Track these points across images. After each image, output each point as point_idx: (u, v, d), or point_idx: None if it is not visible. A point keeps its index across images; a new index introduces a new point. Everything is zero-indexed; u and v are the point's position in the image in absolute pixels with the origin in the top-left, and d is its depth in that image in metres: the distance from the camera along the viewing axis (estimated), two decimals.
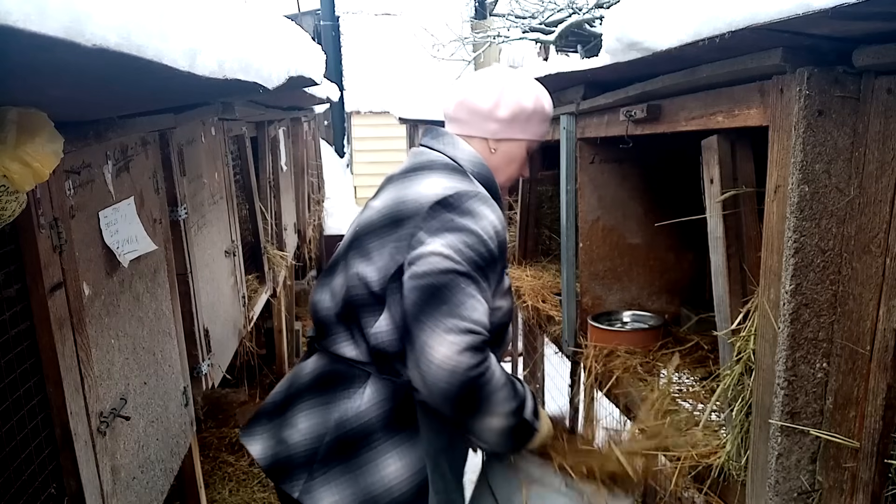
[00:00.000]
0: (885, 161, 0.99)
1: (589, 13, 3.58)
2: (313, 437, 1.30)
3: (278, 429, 1.37)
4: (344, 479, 1.27)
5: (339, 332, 1.36)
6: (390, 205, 1.33)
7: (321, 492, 1.26)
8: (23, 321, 1.16)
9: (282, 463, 1.32)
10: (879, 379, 1.02)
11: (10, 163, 0.90)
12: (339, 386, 1.32)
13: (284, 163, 4.39)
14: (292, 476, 1.30)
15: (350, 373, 1.32)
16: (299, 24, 3.39)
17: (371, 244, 1.31)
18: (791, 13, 0.84)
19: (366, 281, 1.29)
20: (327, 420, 1.30)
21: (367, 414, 1.28)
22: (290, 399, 1.39)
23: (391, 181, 1.44)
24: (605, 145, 2.12)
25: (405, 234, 1.26)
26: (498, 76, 1.47)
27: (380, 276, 1.27)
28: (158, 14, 0.76)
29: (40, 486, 1.20)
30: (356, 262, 1.33)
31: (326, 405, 1.31)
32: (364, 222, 1.38)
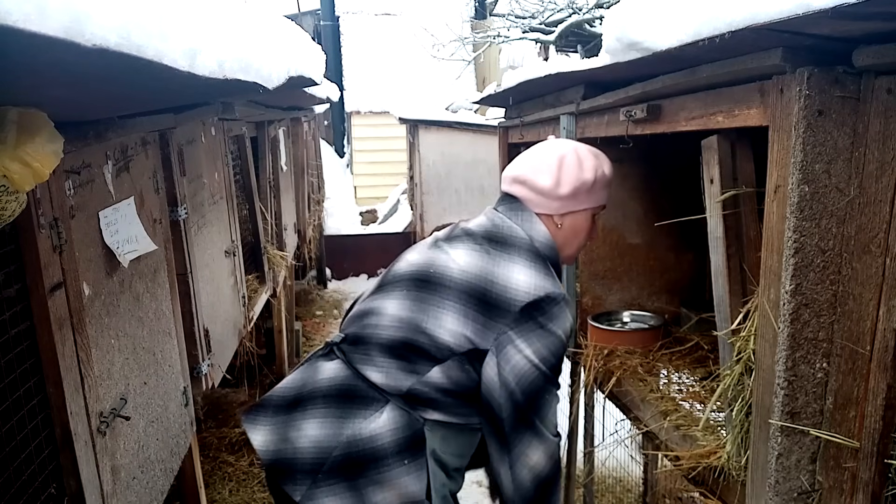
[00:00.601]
0: (885, 161, 0.99)
1: (589, 13, 3.58)
2: (322, 448, 1.33)
3: (284, 426, 1.39)
4: (349, 494, 1.31)
5: (378, 356, 1.39)
6: (478, 276, 1.39)
7: (324, 501, 1.30)
8: (23, 321, 1.16)
9: (285, 464, 1.35)
10: (879, 379, 1.02)
11: (10, 163, 0.90)
12: (358, 404, 1.35)
13: (284, 163, 4.39)
14: (295, 480, 1.32)
15: (370, 395, 1.36)
16: (299, 24, 3.40)
17: (450, 304, 1.38)
18: (791, 13, 0.84)
19: (438, 338, 1.36)
20: (339, 434, 1.33)
21: (380, 438, 1.32)
22: (302, 399, 1.40)
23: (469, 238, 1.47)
24: (606, 145, 2.11)
25: (494, 325, 1.35)
26: (554, 151, 1.51)
27: (453, 342, 1.35)
28: (158, 14, 0.76)
29: (40, 486, 1.20)
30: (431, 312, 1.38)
31: (340, 419, 1.34)
32: (442, 272, 1.42)
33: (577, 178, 1.48)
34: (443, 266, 1.43)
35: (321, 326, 5.93)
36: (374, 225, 8.71)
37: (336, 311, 6.45)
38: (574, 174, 1.48)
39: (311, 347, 5.28)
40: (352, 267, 7.67)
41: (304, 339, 5.29)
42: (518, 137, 3.04)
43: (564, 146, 1.54)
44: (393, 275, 1.51)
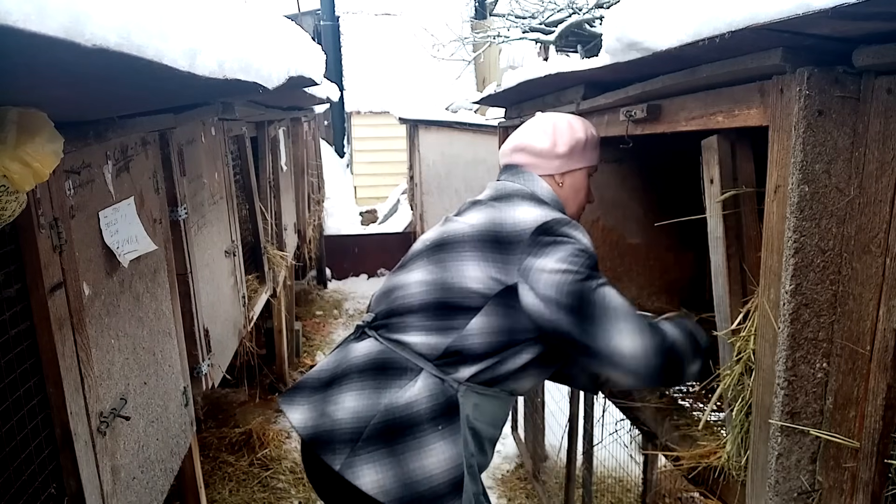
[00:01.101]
0: (885, 161, 0.99)
1: (589, 13, 3.58)
2: (360, 417, 1.37)
3: (322, 403, 1.43)
4: (387, 460, 1.34)
5: (415, 323, 1.44)
6: (487, 223, 1.48)
7: (363, 468, 1.33)
8: (23, 321, 1.16)
9: (324, 436, 1.38)
10: (879, 379, 1.02)
11: (10, 163, 0.90)
12: (392, 375, 1.40)
13: (284, 163, 4.39)
14: (334, 449, 1.36)
15: (405, 364, 1.41)
16: (299, 24, 3.40)
17: (468, 255, 1.45)
18: (791, 13, 0.84)
19: (465, 287, 1.42)
20: (376, 404, 1.38)
21: (416, 405, 1.37)
22: (337, 378, 1.45)
23: (476, 205, 1.58)
24: (605, 145, 2.11)
25: (512, 259, 1.41)
26: (546, 119, 1.69)
27: (482, 287, 1.41)
28: (158, 14, 0.76)
29: (40, 486, 1.20)
30: (453, 267, 1.45)
31: (377, 390, 1.39)
32: (454, 232, 1.51)
33: (571, 137, 1.64)
34: (454, 230, 1.53)
35: (321, 326, 5.93)
36: (374, 225, 8.71)
37: (336, 311, 6.45)
38: (568, 134, 1.64)
39: (311, 347, 5.28)
40: (352, 267, 7.67)
41: (304, 339, 5.28)
42: None
43: (554, 115, 1.71)
44: (410, 254, 1.62)
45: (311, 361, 4.95)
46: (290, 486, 3.34)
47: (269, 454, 3.54)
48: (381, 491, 1.32)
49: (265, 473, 3.39)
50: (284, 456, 3.58)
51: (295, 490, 3.32)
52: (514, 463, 3.72)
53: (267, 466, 3.45)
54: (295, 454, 3.61)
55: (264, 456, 3.51)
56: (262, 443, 3.59)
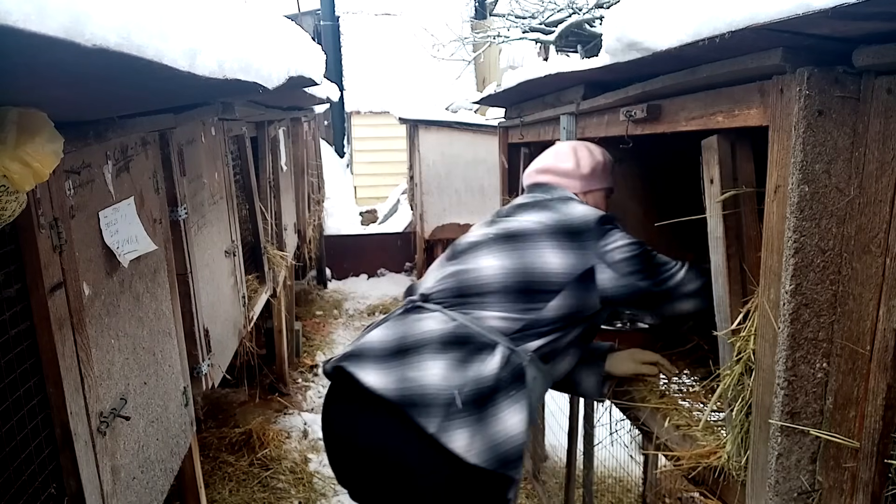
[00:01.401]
0: (885, 161, 0.99)
1: (589, 13, 3.58)
2: (451, 385, 1.49)
3: (399, 369, 1.53)
4: (475, 426, 1.47)
5: (495, 302, 1.61)
6: (554, 218, 1.70)
7: (456, 433, 1.45)
8: (23, 321, 1.16)
9: (415, 399, 1.48)
10: (879, 379, 1.02)
11: (10, 163, 0.90)
12: (473, 348, 1.55)
13: (284, 163, 4.39)
14: (429, 413, 1.47)
15: (483, 339, 1.56)
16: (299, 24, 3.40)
17: (545, 244, 1.66)
18: (791, 13, 0.84)
19: (548, 271, 1.62)
20: (464, 375, 1.51)
21: (496, 376, 1.52)
22: (410, 348, 1.56)
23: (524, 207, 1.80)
24: (605, 145, 2.12)
25: (587, 244, 1.66)
26: (568, 144, 1.97)
27: (564, 271, 1.63)
28: (158, 14, 0.76)
29: (40, 486, 1.20)
30: (531, 255, 1.65)
31: (462, 362, 1.53)
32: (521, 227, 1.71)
33: (592, 159, 1.90)
34: (517, 225, 1.72)
35: (321, 326, 5.93)
36: (374, 225, 8.70)
37: (336, 311, 6.45)
38: (588, 157, 1.91)
39: (311, 347, 5.28)
40: (352, 267, 7.66)
41: (304, 339, 5.28)
42: (518, 137, 3.04)
43: (572, 141, 1.99)
44: (466, 244, 1.76)
45: (311, 361, 4.95)
46: (290, 486, 3.34)
47: (269, 454, 3.54)
48: (473, 453, 1.45)
49: (265, 473, 3.39)
50: (284, 456, 3.58)
51: (295, 490, 3.32)
52: None
53: (267, 466, 3.45)
54: (295, 454, 3.61)
55: (264, 456, 3.51)
56: (262, 443, 3.59)
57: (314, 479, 3.42)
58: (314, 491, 3.32)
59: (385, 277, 7.66)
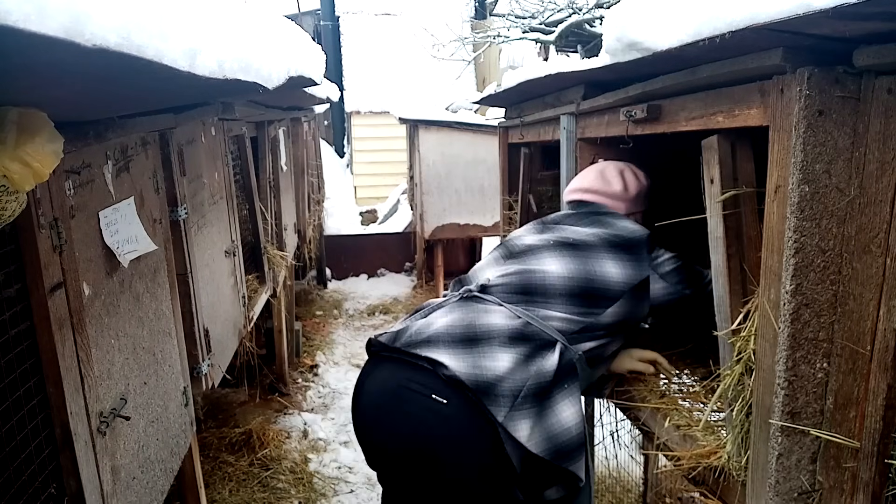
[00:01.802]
0: (886, 161, 0.99)
1: (589, 13, 3.58)
2: (517, 378, 1.58)
3: (472, 357, 1.60)
4: (535, 417, 1.57)
5: (559, 304, 1.72)
6: (610, 232, 1.84)
7: (520, 422, 1.54)
8: (23, 321, 1.16)
9: (488, 387, 1.55)
10: (879, 379, 1.02)
11: (10, 163, 0.90)
12: (536, 345, 1.65)
13: (284, 163, 4.39)
14: (498, 402, 1.54)
15: (545, 337, 1.66)
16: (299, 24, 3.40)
17: (605, 255, 1.79)
18: (791, 13, 0.84)
19: (609, 280, 1.75)
20: (528, 369, 1.60)
21: (553, 372, 1.62)
22: (479, 338, 1.64)
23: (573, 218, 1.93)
24: (606, 145, 2.12)
25: (642, 257, 1.81)
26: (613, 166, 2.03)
27: (623, 280, 1.76)
28: (158, 14, 0.76)
29: (40, 486, 1.20)
30: (594, 264, 1.77)
31: (526, 358, 1.62)
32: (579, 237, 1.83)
33: (638, 183, 2.00)
34: (575, 235, 1.84)
35: (321, 326, 5.93)
36: (374, 225, 8.70)
37: (336, 311, 6.45)
38: (634, 180, 2.00)
39: (311, 347, 5.28)
40: (352, 267, 7.66)
41: (304, 339, 5.28)
42: (518, 137, 3.04)
43: (616, 162, 2.06)
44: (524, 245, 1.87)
45: (310, 361, 4.95)
46: (290, 486, 3.33)
47: (269, 454, 3.54)
48: (533, 443, 1.54)
49: (265, 473, 3.39)
50: (284, 456, 3.58)
51: (295, 490, 3.32)
52: None
53: (267, 466, 3.45)
54: (295, 454, 3.61)
55: (264, 456, 3.51)
56: (262, 443, 3.58)
57: (314, 479, 3.42)
58: (314, 491, 3.32)
59: (385, 277, 7.65)
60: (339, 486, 3.38)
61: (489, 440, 1.53)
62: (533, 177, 3.15)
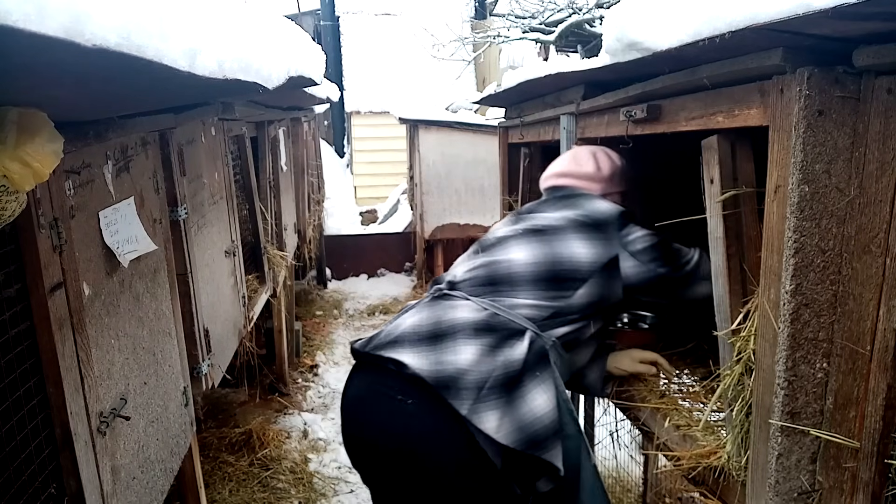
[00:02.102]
0: (886, 161, 0.99)
1: (589, 13, 3.58)
2: (482, 370, 1.56)
3: (435, 353, 1.59)
4: (504, 407, 1.53)
5: (526, 290, 1.69)
6: (579, 213, 1.80)
7: (487, 414, 1.51)
8: (23, 321, 1.16)
9: (449, 381, 1.54)
10: (879, 379, 1.02)
11: (10, 163, 0.90)
12: (503, 335, 1.62)
13: (284, 163, 4.39)
14: (461, 395, 1.52)
15: (513, 326, 1.63)
16: (299, 24, 3.40)
17: (572, 236, 1.75)
18: (791, 13, 0.84)
19: (576, 261, 1.71)
20: (495, 360, 1.58)
21: (524, 361, 1.58)
22: (444, 333, 1.62)
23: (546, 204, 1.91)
24: (606, 145, 2.12)
25: (611, 235, 1.77)
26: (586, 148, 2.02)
27: (591, 260, 1.72)
28: (158, 14, 0.76)
29: (40, 486, 1.20)
30: (560, 246, 1.74)
31: (493, 348, 1.59)
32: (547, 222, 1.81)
33: (611, 163, 1.96)
34: (543, 221, 1.81)
35: (321, 326, 5.93)
36: (374, 225, 8.70)
37: (336, 311, 6.45)
38: (607, 161, 1.97)
39: (311, 347, 5.28)
40: (352, 267, 7.66)
41: (304, 339, 5.28)
42: (518, 137, 3.04)
43: (589, 146, 2.03)
44: (494, 238, 1.86)
45: (310, 361, 4.95)
46: (290, 486, 3.34)
47: (269, 454, 3.54)
48: (502, 434, 1.50)
49: (265, 473, 3.39)
50: (284, 456, 3.58)
51: (295, 490, 3.32)
52: None
53: (267, 466, 3.45)
54: (295, 454, 3.61)
55: (264, 456, 3.51)
56: (262, 443, 3.59)
57: (314, 479, 3.42)
58: (314, 491, 3.32)
59: (385, 277, 7.65)
60: (339, 485, 3.38)
61: (462, 435, 1.52)
62: (533, 177, 3.15)
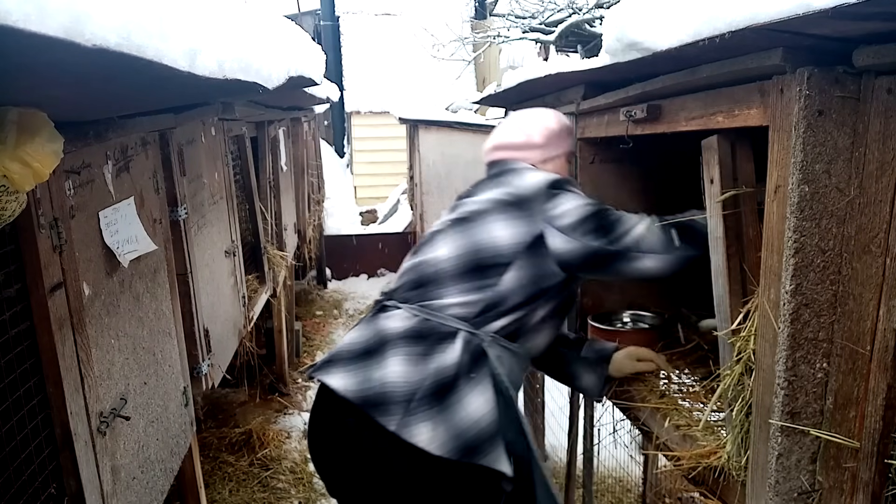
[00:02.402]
0: (885, 161, 0.99)
1: (589, 13, 3.58)
2: (411, 381, 1.48)
3: (364, 370, 1.52)
4: (438, 417, 1.45)
5: (452, 286, 1.58)
6: (503, 191, 1.65)
7: (419, 426, 1.44)
8: (23, 321, 1.16)
9: (376, 398, 1.48)
10: (879, 379, 1.02)
11: (10, 163, 0.90)
12: (435, 340, 1.53)
13: (284, 163, 4.39)
14: (389, 411, 1.46)
15: (444, 329, 1.54)
16: (299, 24, 3.40)
17: (493, 218, 1.61)
18: (791, 13, 0.84)
19: (497, 245, 1.58)
20: (426, 368, 1.49)
21: (458, 364, 1.50)
22: (375, 348, 1.56)
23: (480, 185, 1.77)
24: (605, 145, 2.12)
25: (535, 210, 1.59)
26: (516, 116, 1.86)
27: (513, 241, 1.58)
28: (158, 14, 0.76)
29: (40, 486, 1.20)
30: (480, 232, 1.61)
31: (424, 356, 1.51)
32: (471, 207, 1.67)
33: (543, 127, 1.80)
34: (469, 206, 1.68)
35: (321, 326, 5.93)
36: (374, 225, 8.70)
37: (336, 311, 6.45)
38: (538, 126, 1.80)
39: (311, 347, 5.28)
40: (352, 267, 7.66)
41: (304, 339, 5.28)
42: None
43: (523, 111, 1.89)
44: (428, 234, 1.75)
45: (310, 361, 4.94)
46: (290, 486, 3.34)
47: (269, 454, 3.54)
48: (436, 445, 1.43)
49: (265, 473, 3.39)
50: (284, 456, 3.58)
51: (295, 490, 3.32)
52: None
53: (267, 466, 3.45)
54: (295, 454, 3.61)
55: (264, 456, 3.51)
56: (262, 443, 3.59)
57: (314, 479, 3.42)
58: (314, 491, 3.32)
59: (385, 277, 7.66)
60: None
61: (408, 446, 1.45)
62: None
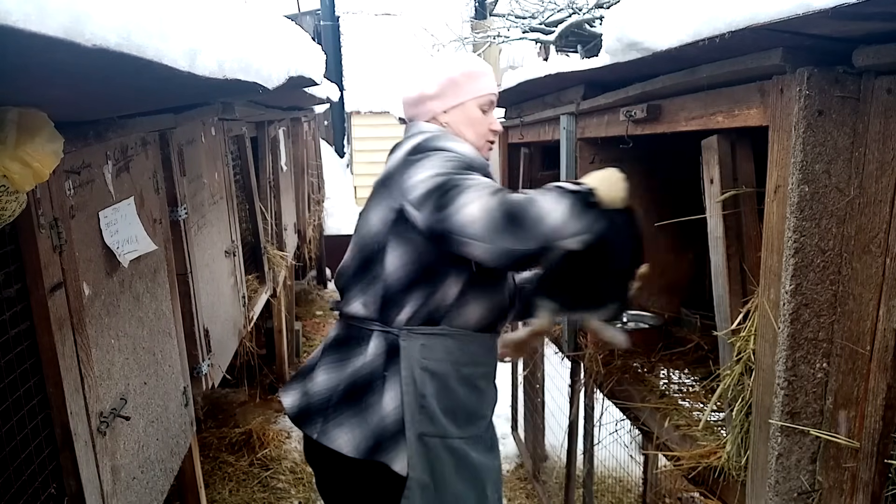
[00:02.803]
0: (885, 161, 0.99)
1: (589, 13, 3.58)
2: (329, 387, 1.50)
3: (302, 384, 1.57)
4: (355, 419, 1.45)
5: (355, 286, 1.53)
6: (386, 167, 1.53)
7: (336, 432, 1.45)
8: (23, 321, 1.16)
9: (303, 410, 1.52)
10: (879, 379, 1.02)
11: (10, 163, 0.90)
12: (352, 345, 1.51)
13: (284, 163, 4.39)
14: (312, 421, 1.49)
15: (360, 333, 1.51)
16: (299, 24, 3.39)
17: (373, 203, 1.51)
18: (791, 13, 0.84)
19: (371, 233, 1.49)
20: (342, 374, 1.50)
21: (371, 364, 1.47)
22: (315, 362, 1.58)
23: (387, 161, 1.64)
24: (605, 145, 2.12)
25: (394, 186, 1.44)
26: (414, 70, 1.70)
27: (381, 225, 1.47)
28: (158, 14, 0.76)
29: (40, 486, 1.20)
30: (363, 225, 1.53)
31: (342, 362, 1.51)
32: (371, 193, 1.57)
33: (438, 76, 1.61)
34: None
35: (321, 326, 5.93)
36: None
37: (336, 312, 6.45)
38: (431, 75, 1.62)
39: (311, 347, 5.28)
40: None
41: (304, 339, 5.28)
42: (518, 137, 3.04)
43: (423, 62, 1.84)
44: None
45: None
46: (290, 486, 3.34)
47: (269, 454, 3.54)
48: (353, 448, 1.43)
49: (265, 473, 3.39)
50: (284, 456, 3.58)
51: (295, 490, 3.32)
52: (514, 463, 3.72)
53: (267, 466, 3.45)
54: (295, 454, 3.61)
55: (264, 456, 3.51)
56: (262, 443, 3.59)
57: (314, 479, 3.42)
58: (314, 491, 3.32)
59: None
60: None
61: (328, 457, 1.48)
62: (533, 177, 3.15)
